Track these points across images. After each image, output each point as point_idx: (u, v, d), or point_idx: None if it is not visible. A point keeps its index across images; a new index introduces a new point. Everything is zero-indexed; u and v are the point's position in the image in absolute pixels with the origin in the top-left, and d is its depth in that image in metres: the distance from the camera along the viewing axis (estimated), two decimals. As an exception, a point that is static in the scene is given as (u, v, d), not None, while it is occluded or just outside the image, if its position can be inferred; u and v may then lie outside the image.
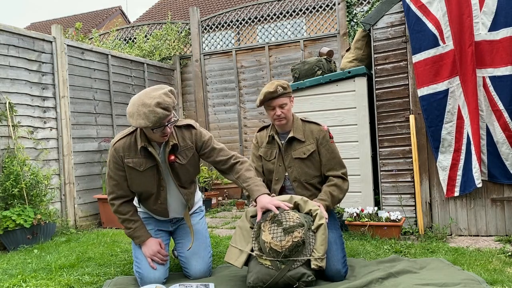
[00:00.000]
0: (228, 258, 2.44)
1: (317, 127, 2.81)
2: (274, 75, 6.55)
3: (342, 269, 2.46)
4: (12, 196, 3.92)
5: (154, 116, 2.24)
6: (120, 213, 2.58)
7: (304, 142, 2.76)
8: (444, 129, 3.52)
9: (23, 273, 2.82)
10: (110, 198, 2.58)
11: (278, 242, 2.26)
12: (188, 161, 2.58)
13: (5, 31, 4.15)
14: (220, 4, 14.12)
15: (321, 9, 6.34)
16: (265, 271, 2.30)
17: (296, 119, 2.83)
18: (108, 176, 2.58)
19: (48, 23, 19.03)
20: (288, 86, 2.74)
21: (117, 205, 2.57)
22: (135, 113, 2.27)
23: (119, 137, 2.54)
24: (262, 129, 3.00)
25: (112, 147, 2.52)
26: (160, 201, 2.61)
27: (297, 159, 2.75)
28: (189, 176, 2.65)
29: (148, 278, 2.50)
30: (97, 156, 5.21)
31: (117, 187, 2.55)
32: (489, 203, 3.51)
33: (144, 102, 2.26)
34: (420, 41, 3.56)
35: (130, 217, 2.58)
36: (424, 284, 2.27)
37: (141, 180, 2.52)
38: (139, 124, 2.27)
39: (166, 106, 2.28)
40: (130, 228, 2.59)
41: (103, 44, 7.24)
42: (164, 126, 2.34)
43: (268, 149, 2.86)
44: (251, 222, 2.47)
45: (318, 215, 2.44)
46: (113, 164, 2.52)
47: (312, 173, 2.77)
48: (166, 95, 2.32)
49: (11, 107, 4.13)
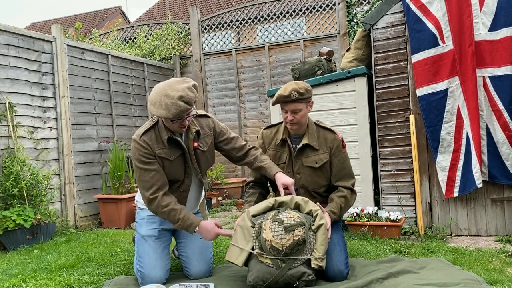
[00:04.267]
0: (228, 257, 2.43)
1: (332, 135, 2.68)
2: (274, 75, 6.55)
3: (345, 270, 2.46)
4: (12, 196, 3.92)
5: (176, 108, 2.29)
6: (164, 206, 2.45)
7: (317, 150, 2.64)
8: (444, 129, 3.51)
9: (23, 273, 2.83)
10: (152, 192, 2.44)
11: (279, 240, 2.25)
12: (208, 149, 2.66)
13: (5, 31, 4.15)
14: (220, 4, 14.12)
15: (321, 9, 6.34)
16: (266, 270, 2.30)
17: (311, 124, 2.69)
18: (141, 171, 2.46)
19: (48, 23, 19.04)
20: (306, 91, 2.55)
21: (160, 197, 2.45)
22: (157, 102, 2.32)
23: (142, 131, 2.51)
24: (268, 127, 2.85)
25: (138, 141, 2.47)
26: (183, 189, 2.63)
27: (308, 167, 2.65)
28: (208, 165, 2.72)
29: (149, 277, 2.50)
30: (97, 156, 5.21)
31: (157, 176, 2.46)
32: (489, 203, 3.51)
33: (168, 93, 2.31)
34: (420, 41, 3.56)
35: (174, 206, 2.47)
36: (424, 284, 2.27)
37: (170, 169, 2.54)
38: (160, 114, 2.31)
39: (188, 100, 2.33)
40: (178, 219, 2.46)
41: (103, 44, 7.23)
42: (184, 119, 2.40)
43: (277, 151, 2.74)
44: (252, 221, 2.47)
45: (318, 215, 2.44)
46: (146, 156, 2.46)
47: (321, 183, 2.70)
48: (190, 89, 2.36)
49: (11, 107, 4.13)
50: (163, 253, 2.62)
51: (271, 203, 2.52)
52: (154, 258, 2.57)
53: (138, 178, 2.50)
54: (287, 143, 2.70)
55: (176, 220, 2.47)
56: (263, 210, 2.52)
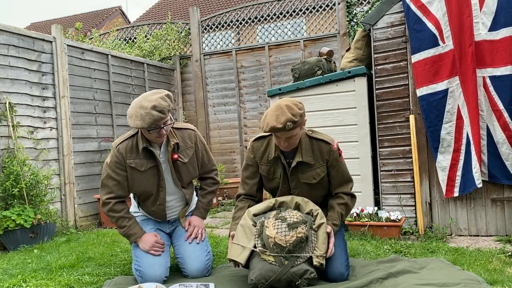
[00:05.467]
0: (230, 255, 2.43)
1: (326, 146, 2.51)
2: (274, 75, 6.55)
3: (345, 272, 2.45)
4: (12, 196, 3.92)
5: (150, 118, 2.39)
6: (115, 211, 2.62)
7: (313, 165, 2.51)
8: (444, 129, 3.51)
9: (23, 273, 2.83)
10: (107, 197, 2.61)
11: (282, 237, 2.27)
12: (189, 160, 2.72)
13: (5, 31, 4.15)
14: (220, 4, 14.12)
15: (321, 9, 6.34)
16: (268, 267, 2.29)
17: (303, 137, 2.51)
18: (107, 177, 2.62)
19: (48, 23, 19.03)
20: (300, 115, 2.31)
21: (113, 203, 2.62)
22: (133, 115, 2.43)
23: (121, 139, 2.66)
24: (258, 139, 2.63)
25: (115, 148, 2.63)
26: (159, 202, 2.69)
27: (305, 183, 2.55)
28: (189, 176, 2.77)
29: (149, 276, 2.51)
30: (97, 156, 5.21)
31: (117, 186, 2.62)
32: (489, 203, 3.51)
33: (142, 104, 2.42)
34: (420, 41, 3.56)
35: (124, 214, 2.64)
36: (424, 284, 2.27)
37: (142, 181, 2.62)
38: (136, 124, 2.42)
39: (162, 109, 2.42)
40: (124, 226, 2.63)
41: (103, 44, 7.23)
42: (160, 128, 2.48)
43: (271, 166, 2.58)
44: (253, 220, 2.48)
45: (319, 214, 2.45)
46: (115, 164, 2.61)
47: (319, 194, 2.65)
48: (163, 99, 2.46)
49: (11, 107, 4.14)
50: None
51: (272, 203, 2.54)
52: (152, 257, 2.58)
53: (102, 180, 2.66)
54: (280, 160, 2.55)
55: (122, 226, 2.63)
56: (263, 210, 2.53)
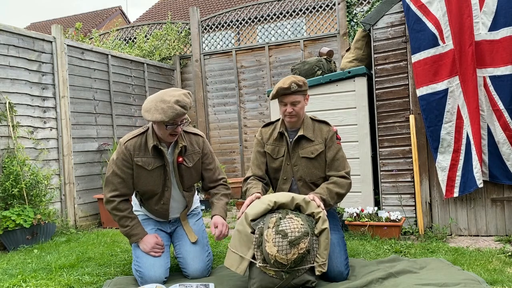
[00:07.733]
0: (229, 265, 2.35)
1: (326, 127, 2.77)
2: (274, 75, 6.55)
3: (345, 271, 2.45)
4: (12, 196, 3.92)
5: (172, 112, 2.37)
6: (119, 210, 2.59)
7: (313, 141, 2.71)
8: (444, 129, 3.51)
9: (23, 273, 2.83)
10: (112, 195, 2.58)
11: (283, 256, 2.17)
12: (194, 165, 2.71)
13: (5, 31, 4.15)
14: (220, 4, 14.12)
15: (321, 9, 6.34)
16: (269, 280, 2.26)
17: (306, 118, 2.77)
18: (112, 174, 2.58)
19: (48, 23, 19.03)
20: (304, 83, 2.65)
21: (117, 202, 2.58)
22: (152, 108, 2.40)
23: (129, 136, 2.61)
24: (267, 125, 2.91)
25: (122, 145, 2.58)
26: (163, 202, 2.68)
27: (304, 158, 2.69)
28: (192, 181, 2.76)
29: (149, 277, 2.51)
30: (97, 156, 5.21)
31: (122, 184, 2.58)
32: (489, 203, 3.50)
33: (164, 99, 2.41)
34: (420, 40, 3.56)
35: (128, 214, 2.62)
36: (424, 284, 2.27)
37: (148, 179, 2.60)
38: (155, 118, 2.37)
39: (184, 105, 2.42)
40: (127, 226, 2.60)
41: (103, 44, 7.23)
42: (177, 125, 2.47)
43: (276, 146, 2.79)
44: (251, 227, 2.36)
45: (321, 218, 2.37)
46: (122, 161, 2.57)
47: (318, 174, 2.71)
48: (185, 95, 2.48)
49: (11, 107, 4.13)
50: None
51: (270, 205, 2.38)
52: (152, 257, 2.58)
53: (107, 177, 2.61)
54: (284, 136, 2.74)
55: (124, 226, 2.60)
56: (262, 213, 2.38)
